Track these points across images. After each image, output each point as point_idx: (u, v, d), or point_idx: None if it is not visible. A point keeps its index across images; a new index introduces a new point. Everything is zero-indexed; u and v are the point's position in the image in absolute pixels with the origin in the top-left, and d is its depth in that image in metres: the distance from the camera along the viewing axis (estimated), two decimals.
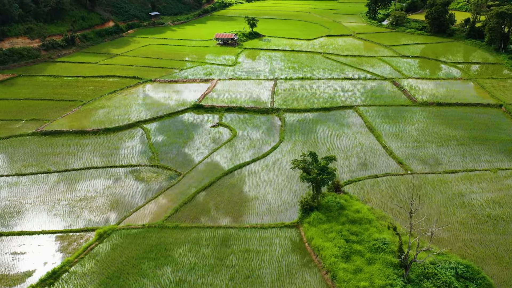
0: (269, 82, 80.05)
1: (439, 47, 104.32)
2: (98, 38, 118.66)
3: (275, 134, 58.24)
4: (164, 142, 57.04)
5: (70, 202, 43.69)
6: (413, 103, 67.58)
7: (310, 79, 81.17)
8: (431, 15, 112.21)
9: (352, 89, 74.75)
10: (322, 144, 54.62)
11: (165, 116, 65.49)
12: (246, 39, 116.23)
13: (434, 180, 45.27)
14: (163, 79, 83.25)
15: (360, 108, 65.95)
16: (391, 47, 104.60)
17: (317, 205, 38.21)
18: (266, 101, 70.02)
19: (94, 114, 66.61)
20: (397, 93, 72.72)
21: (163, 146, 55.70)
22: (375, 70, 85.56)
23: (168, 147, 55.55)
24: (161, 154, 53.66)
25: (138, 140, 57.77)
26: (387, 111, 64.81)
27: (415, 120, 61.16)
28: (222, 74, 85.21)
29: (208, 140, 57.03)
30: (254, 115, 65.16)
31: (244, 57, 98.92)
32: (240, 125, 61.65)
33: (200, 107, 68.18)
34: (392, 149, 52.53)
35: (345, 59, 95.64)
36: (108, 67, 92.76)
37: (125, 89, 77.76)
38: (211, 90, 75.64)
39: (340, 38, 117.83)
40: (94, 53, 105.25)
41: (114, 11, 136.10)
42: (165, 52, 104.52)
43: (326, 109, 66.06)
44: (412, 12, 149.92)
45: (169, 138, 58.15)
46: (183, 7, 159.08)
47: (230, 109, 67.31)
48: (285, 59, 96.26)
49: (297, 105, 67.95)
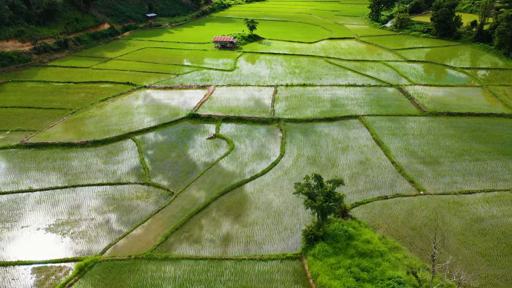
0: (269, 88, 76.17)
1: (445, 51, 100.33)
2: (93, 41, 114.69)
3: (276, 148, 54.39)
4: (157, 156, 53.19)
5: (50, 227, 39.88)
6: (422, 112, 63.66)
7: (312, 85, 77.29)
8: (437, 18, 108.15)
9: (356, 97, 70.88)
10: (326, 159, 50.76)
11: (159, 127, 61.63)
12: (245, 42, 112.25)
13: (450, 202, 41.43)
14: (158, 85, 79.37)
15: (366, 118, 62.07)
16: (396, 51, 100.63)
17: (323, 234, 34.38)
18: (266, 110, 66.16)
19: (84, 124, 62.75)
20: (404, 101, 68.83)
21: (155, 161, 51.86)
22: (380, 76, 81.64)
23: (161, 162, 51.70)
24: (152, 170, 49.84)
25: (128, 154, 53.94)
26: (395, 121, 60.94)
27: (425, 132, 57.29)
28: (220, 80, 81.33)
29: (203, 154, 53.17)
30: (253, 126, 61.31)
31: (243, 61, 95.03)
32: (238, 137, 57.81)
33: (196, 116, 64.31)
34: (402, 165, 48.66)
35: (348, 63, 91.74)
36: (101, 72, 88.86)
37: (117, 97, 73.86)
38: (208, 98, 71.76)
39: (342, 41, 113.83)
40: (88, 57, 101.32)
41: (110, 13, 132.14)
42: (161, 56, 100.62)
43: (330, 119, 62.17)
44: (416, 14, 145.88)
45: (162, 151, 54.31)
46: (181, 8, 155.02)
47: (227, 118, 63.42)
48: (286, 64, 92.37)
49: (299, 114, 64.09)
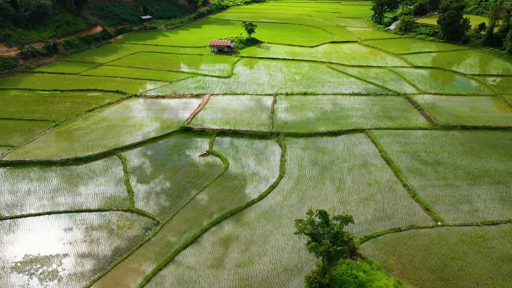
0: (268, 98, 71.18)
1: (454, 56, 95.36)
2: (84, 45, 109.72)
3: (275, 167, 49.40)
4: (143, 176, 48.22)
5: (16, 266, 34.91)
6: (433, 125, 58.67)
7: (313, 94, 72.30)
8: (444, 21, 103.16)
9: (361, 107, 65.89)
10: (330, 182, 45.78)
11: (148, 142, 56.66)
12: (243, 46, 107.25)
13: (472, 236, 36.48)
14: (149, 93, 74.38)
15: (373, 132, 57.11)
16: (402, 55, 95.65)
17: (329, 281, 29.41)
18: (265, 122, 61.19)
19: (66, 138, 57.76)
20: (413, 112, 63.82)
21: (142, 182, 46.89)
22: (386, 84, 76.65)
23: (147, 184, 46.72)
24: (138, 194, 44.87)
25: (112, 174, 48.95)
26: (404, 136, 55.96)
27: (438, 149, 52.30)
28: (216, 88, 76.36)
29: (195, 175, 48.18)
30: (251, 141, 56.35)
31: (240, 67, 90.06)
32: (234, 153, 52.86)
33: (189, 130, 59.34)
34: (415, 189, 43.67)
35: (352, 69, 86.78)
36: (90, 78, 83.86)
37: (105, 107, 68.87)
38: (202, 108, 66.78)
39: (345, 45, 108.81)
40: (77, 62, 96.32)
41: (103, 15, 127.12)
42: (155, 61, 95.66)
43: (334, 133, 57.21)
44: (421, 16, 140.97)
45: (150, 171, 49.35)
46: (177, 10, 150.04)
47: (222, 132, 58.46)
48: (286, 70, 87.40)
49: (299, 127, 59.14)
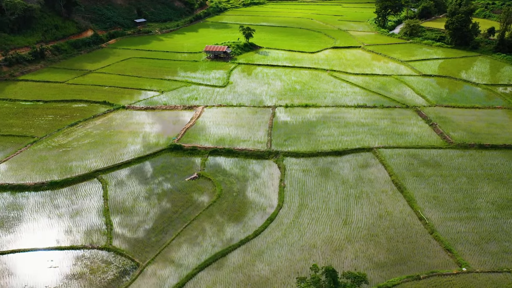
0: (266, 110, 65.83)
1: (463, 63, 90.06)
2: (73, 50, 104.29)
3: (273, 194, 44.04)
4: (125, 204, 42.85)
5: None
6: (448, 144, 53.32)
7: (315, 106, 66.97)
8: (452, 25, 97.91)
9: (368, 122, 60.55)
10: (335, 213, 40.41)
11: (133, 162, 51.28)
12: (241, 52, 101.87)
13: (503, 287, 31.16)
14: (138, 105, 69.01)
15: (382, 151, 51.75)
16: (408, 62, 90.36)
17: None
18: (262, 139, 55.83)
19: (43, 158, 52.33)
20: (425, 128, 58.47)
21: (123, 212, 41.52)
22: (394, 95, 71.33)
23: (129, 213, 41.36)
24: (117, 227, 39.54)
25: (91, 201, 43.60)
26: (417, 156, 50.59)
27: (455, 173, 46.95)
28: (210, 99, 71.01)
29: (183, 203, 42.81)
30: (246, 161, 51.01)
31: (237, 75, 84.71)
32: (227, 177, 47.51)
33: (179, 148, 53.97)
34: (433, 223, 38.33)
35: (356, 78, 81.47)
36: (76, 87, 78.48)
37: (89, 120, 63.49)
38: (194, 122, 61.41)
39: (347, 50, 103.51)
40: (65, 69, 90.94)
41: (94, 18, 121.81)
42: (146, 68, 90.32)
43: (338, 152, 51.85)
44: (426, 19, 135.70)
45: (133, 197, 43.98)
46: (173, 13, 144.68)
47: (216, 151, 53.11)
48: (285, 78, 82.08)
49: (300, 145, 53.79)
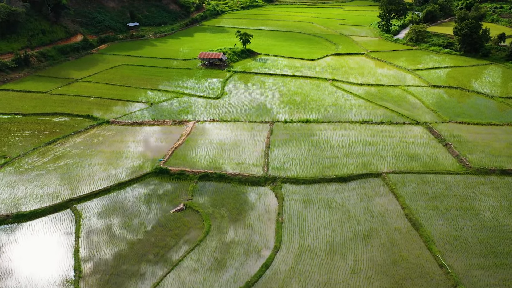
0: (263, 126, 60.23)
1: (474, 72, 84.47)
2: (60, 56, 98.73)
3: (269, 231, 38.40)
4: (99, 244, 37.20)
5: None
6: (465, 169, 47.69)
7: (317, 121, 61.37)
8: (462, 31, 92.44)
9: (375, 141, 54.95)
10: (341, 257, 34.77)
11: (113, 189, 45.64)
12: (237, 59, 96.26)
13: None
14: (124, 119, 63.38)
15: (392, 177, 46.13)
16: (415, 71, 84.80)
17: None
18: (258, 161, 50.22)
19: (12, 183, 46.65)
20: (438, 148, 52.87)
21: (95, 255, 35.82)
22: (402, 109, 65.71)
23: (103, 256, 35.68)
24: (87, 274, 33.87)
25: (60, 238, 38.01)
26: (431, 184, 44.95)
27: (477, 205, 41.33)
28: (203, 112, 65.43)
29: (165, 243, 37.16)
30: (240, 188, 45.37)
31: (232, 85, 79.07)
32: (218, 208, 41.88)
33: (165, 172, 48.33)
34: (456, 272, 32.68)
35: (360, 89, 75.90)
36: (59, 99, 72.89)
37: (70, 137, 57.87)
38: (184, 141, 55.77)
39: (350, 57, 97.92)
40: (50, 78, 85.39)
41: (85, 22, 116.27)
42: (137, 77, 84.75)
43: (343, 179, 46.22)
44: (431, 23, 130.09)
45: (108, 234, 38.34)
46: (168, 16, 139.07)
47: (206, 176, 47.46)
48: (284, 89, 76.49)
49: (300, 170, 48.17)
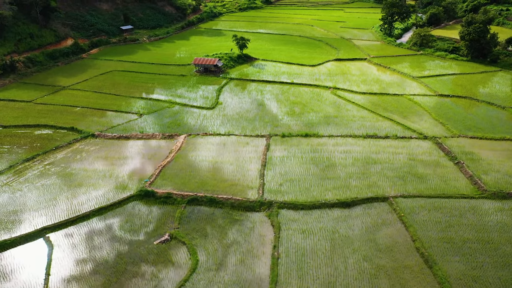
0: (259, 140, 55.92)
1: (483, 80, 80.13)
2: (49, 62, 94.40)
3: (264, 268, 34.06)
4: (70, 283, 32.90)
5: None
6: (481, 192, 43.38)
7: (317, 135, 57.06)
8: (469, 36, 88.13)
9: (380, 158, 50.61)
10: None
11: (92, 215, 41.36)
12: (234, 65, 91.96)
13: None
14: (110, 132, 59.08)
15: (400, 201, 41.81)
16: (421, 79, 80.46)
17: None
18: (253, 182, 45.89)
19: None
20: (449, 168, 48.49)
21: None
22: (408, 121, 61.39)
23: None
24: None
25: (28, 276, 33.67)
26: (444, 210, 40.61)
27: (496, 237, 36.96)
28: (195, 125, 61.14)
29: (145, 283, 32.84)
30: (232, 215, 41.04)
31: (228, 94, 74.72)
32: (207, 239, 37.57)
33: (150, 195, 44.02)
34: None
35: (363, 98, 71.55)
36: (44, 108, 68.64)
37: (50, 153, 53.59)
38: (173, 158, 51.46)
39: (352, 63, 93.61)
40: (36, 85, 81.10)
41: (76, 26, 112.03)
42: (127, 84, 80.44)
43: (346, 204, 41.90)
44: (435, 27, 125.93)
45: (81, 273, 34.01)
46: (163, 19, 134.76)
47: (195, 200, 43.16)
48: (283, 98, 72.15)
49: (299, 193, 43.84)
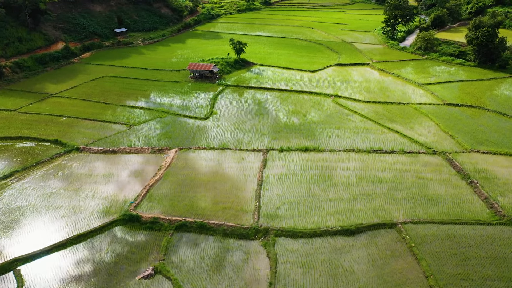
0: (255, 156, 51.94)
1: (492, 87, 76.03)
2: (38, 67, 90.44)
3: None
4: None
5: None
6: (499, 218, 39.41)
7: (317, 150, 53.07)
8: (477, 41, 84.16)
9: (387, 177, 46.60)
10: None
11: (69, 244, 37.44)
12: (230, 70, 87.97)
13: None
14: (96, 146, 55.13)
15: (409, 229, 37.83)
16: (426, 86, 76.46)
17: None
18: (248, 204, 41.96)
19: None
20: (462, 188, 44.51)
21: None
22: (415, 133, 57.41)
23: None
24: None
25: None
26: (459, 240, 36.60)
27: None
28: (187, 138, 57.18)
29: None
30: (224, 243, 37.10)
31: (223, 103, 70.72)
32: (195, 274, 33.60)
33: (135, 219, 40.10)
34: None
35: (366, 107, 67.56)
36: (28, 118, 64.72)
37: (30, 170, 49.66)
38: (162, 176, 47.49)
39: (354, 68, 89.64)
40: (22, 92, 77.15)
41: (68, 29, 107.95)
42: (118, 91, 76.49)
43: (350, 231, 37.93)
44: (439, 29, 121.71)
45: None
46: (158, 21, 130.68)
47: (184, 226, 39.23)
48: (281, 107, 68.18)
49: (298, 218, 39.88)
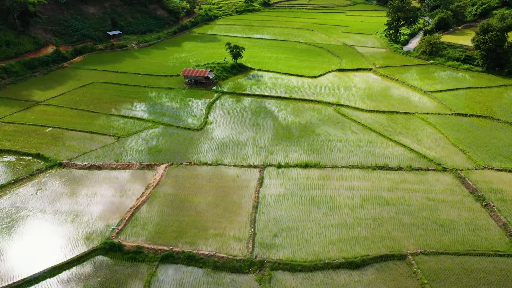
0: (251, 173, 48.11)
1: (502, 95, 72.13)
2: (26, 72, 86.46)
3: None
4: None
5: None
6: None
7: (318, 166, 49.21)
8: (485, 45, 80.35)
9: (394, 198, 42.78)
10: None
11: (41, 278, 33.61)
12: (227, 76, 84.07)
13: None
14: (80, 161, 51.30)
15: (421, 261, 34.01)
16: (433, 93, 72.61)
17: None
18: (242, 231, 38.12)
19: None
20: (477, 211, 40.69)
21: None
22: (422, 147, 53.59)
23: None
24: None
25: None
26: (477, 274, 32.76)
27: None
28: (179, 152, 53.31)
29: None
30: (214, 278, 33.28)
31: (218, 111, 66.86)
32: None
33: (117, 248, 36.29)
34: None
35: (370, 117, 63.72)
36: (11, 129, 60.87)
37: (6, 188, 45.85)
38: (149, 196, 43.65)
39: (356, 74, 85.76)
40: (8, 99, 73.23)
41: (59, 31, 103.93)
42: (108, 99, 72.60)
43: (355, 264, 34.15)
44: (443, 32, 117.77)
45: None
46: (154, 23, 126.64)
47: (171, 256, 35.41)
48: (280, 116, 64.35)
49: (297, 248, 36.02)
